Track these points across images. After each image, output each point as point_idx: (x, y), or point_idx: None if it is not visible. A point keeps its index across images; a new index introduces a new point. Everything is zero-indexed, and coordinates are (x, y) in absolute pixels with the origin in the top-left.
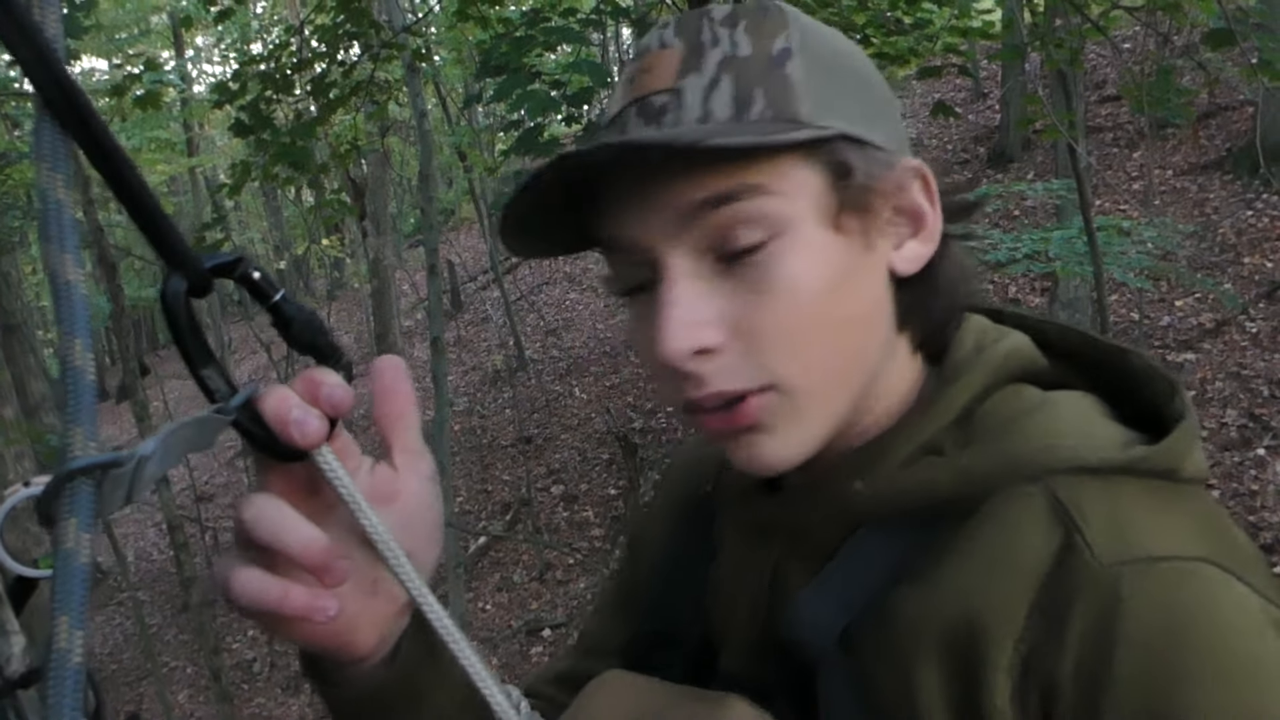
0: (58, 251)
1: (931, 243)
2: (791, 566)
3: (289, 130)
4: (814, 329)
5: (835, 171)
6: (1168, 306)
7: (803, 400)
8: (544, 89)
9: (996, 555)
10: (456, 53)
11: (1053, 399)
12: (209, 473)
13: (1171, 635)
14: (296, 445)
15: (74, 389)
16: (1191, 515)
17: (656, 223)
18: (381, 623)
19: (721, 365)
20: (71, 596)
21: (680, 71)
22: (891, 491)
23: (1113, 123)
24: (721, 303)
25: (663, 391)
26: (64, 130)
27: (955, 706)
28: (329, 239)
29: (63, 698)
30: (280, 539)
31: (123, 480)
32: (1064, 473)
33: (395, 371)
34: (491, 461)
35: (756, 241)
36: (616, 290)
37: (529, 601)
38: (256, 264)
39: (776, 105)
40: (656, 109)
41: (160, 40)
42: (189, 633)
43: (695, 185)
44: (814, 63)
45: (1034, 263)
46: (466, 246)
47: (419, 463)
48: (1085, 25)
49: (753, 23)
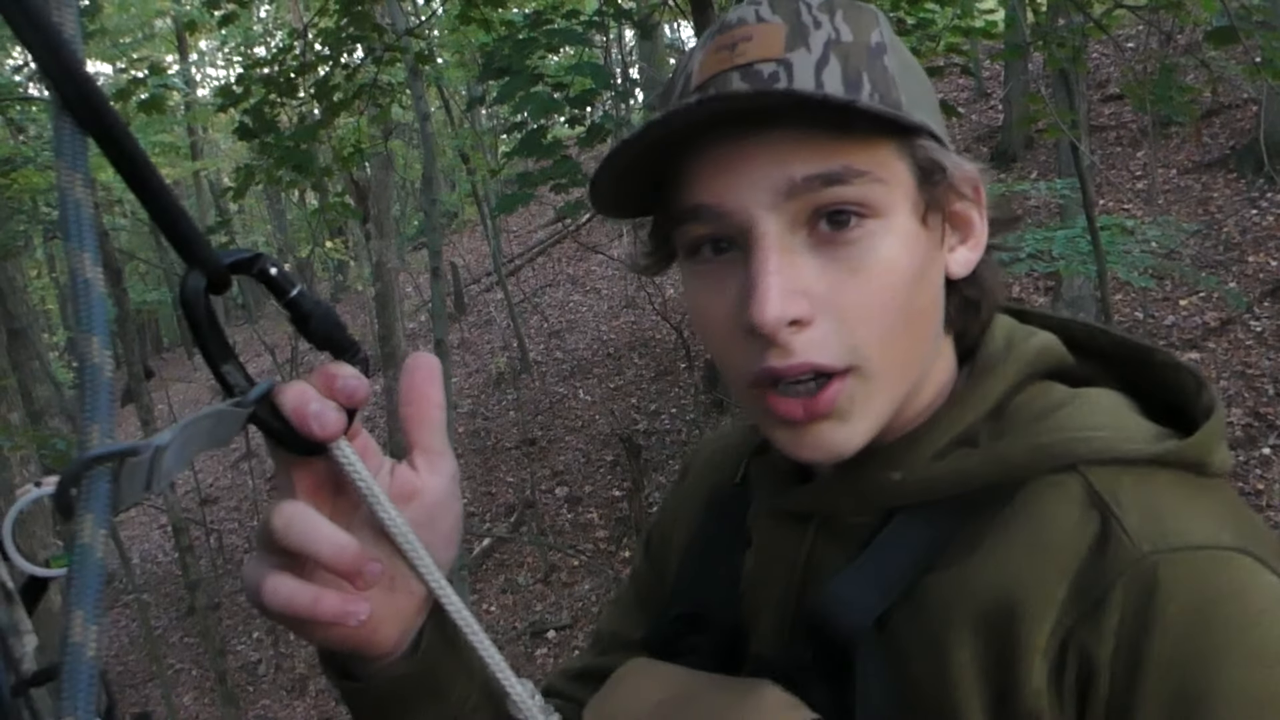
0: (77, 249)
1: (979, 250)
2: (826, 552)
3: (293, 134)
4: (899, 314)
5: (926, 169)
6: (1172, 305)
7: (877, 386)
8: (547, 91)
9: (1033, 540)
10: (459, 55)
11: (1083, 394)
12: (213, 475)
13: (1206, 619)
14: (316, 437)
15: (91, 385)
16: (1221, 506)
17: (756, 191)
18: (402, 619)
19: (811, 338)
20: (87, 591)
21: (788, 45)
22: (928, 480)
23: (1116, 122)
24: (814, 277)
25: (733, 361)
26: (82, 129)
27: (991, 688)
28: (332, 242)
29: (77, 692)
30: (313, 546)
31: (140, 471)
32: (1097, 463)
33: (428, 373)
34: (495, 464)
35: (855, 222)
36: (655, 267)
37: (534, 604)
38: (274, 260)
39: (881, 91)
40: (766, 76)
41: (164, 45)
42: (194, 635)
43: (805, 159)
44: (902, 60)
45: (1038, 262)
46: (470, 249)
47: (441, 462)
48: (1087, 24)
49: (850, 13)
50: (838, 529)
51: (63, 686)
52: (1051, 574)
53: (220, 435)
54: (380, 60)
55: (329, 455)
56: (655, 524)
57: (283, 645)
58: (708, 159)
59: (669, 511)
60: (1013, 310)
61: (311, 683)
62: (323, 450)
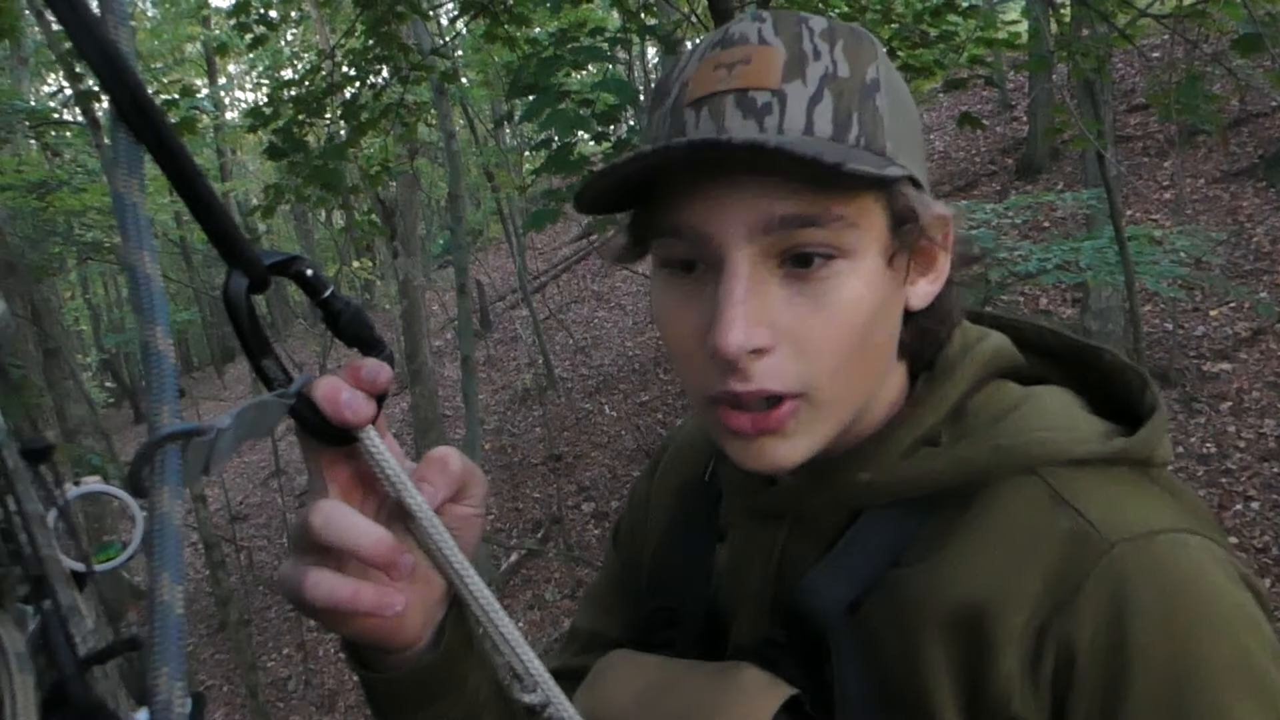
0: (135, 248)
1: (939, 284)
2: (799, 548)
3: (321, 152)
4: (855, 348)
5: (900, 215)
6: (1202, 316)
7: (824, 411)
8: (573, 108)
9: (1000, 540)
10: (483, 74)
11: (1035, 394)
12: (243, 493)
13: (1178, 597)
14: (348, 423)
15: (156, 371)
16: (1169, 494)
17: (737, 224)
18: (426, 610)
19: (768, 366)
20: (169, 554)
21: (785, 75)
22: (895, 480)
23: (1142, 132)
24: (779, 309)
25: (694, 378)
26: (137, 139)
27: (963, 682)
28: (359, 261)
29: (168, 646)
30: (351, 541)
31: (201, 451)
32: (1054, 464)
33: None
34: (522, 480)
35: (819, 262)
36: (629, 257)
37: (561, 619)
38: (310, 261)
39: (868, 134)
40: (759, 106)
41: (194, 69)
42: (225, 651)
43: (786, 200)
44: (895, 99)
45: (1064, 273)
46: (495, 266)
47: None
48: (1112, 34)
49: (849, 44)
50: (809, 526)
51: (154, 641)
52: (1021, 570)
53: (263, 424)
54: (406, 80)
55: (358, 445)
56: (623, 516)
57: (312, 661)
58: (692, 185)
59: (638, 503)
60: (966, 312)
61: (341, 698)
62: (353, 439)
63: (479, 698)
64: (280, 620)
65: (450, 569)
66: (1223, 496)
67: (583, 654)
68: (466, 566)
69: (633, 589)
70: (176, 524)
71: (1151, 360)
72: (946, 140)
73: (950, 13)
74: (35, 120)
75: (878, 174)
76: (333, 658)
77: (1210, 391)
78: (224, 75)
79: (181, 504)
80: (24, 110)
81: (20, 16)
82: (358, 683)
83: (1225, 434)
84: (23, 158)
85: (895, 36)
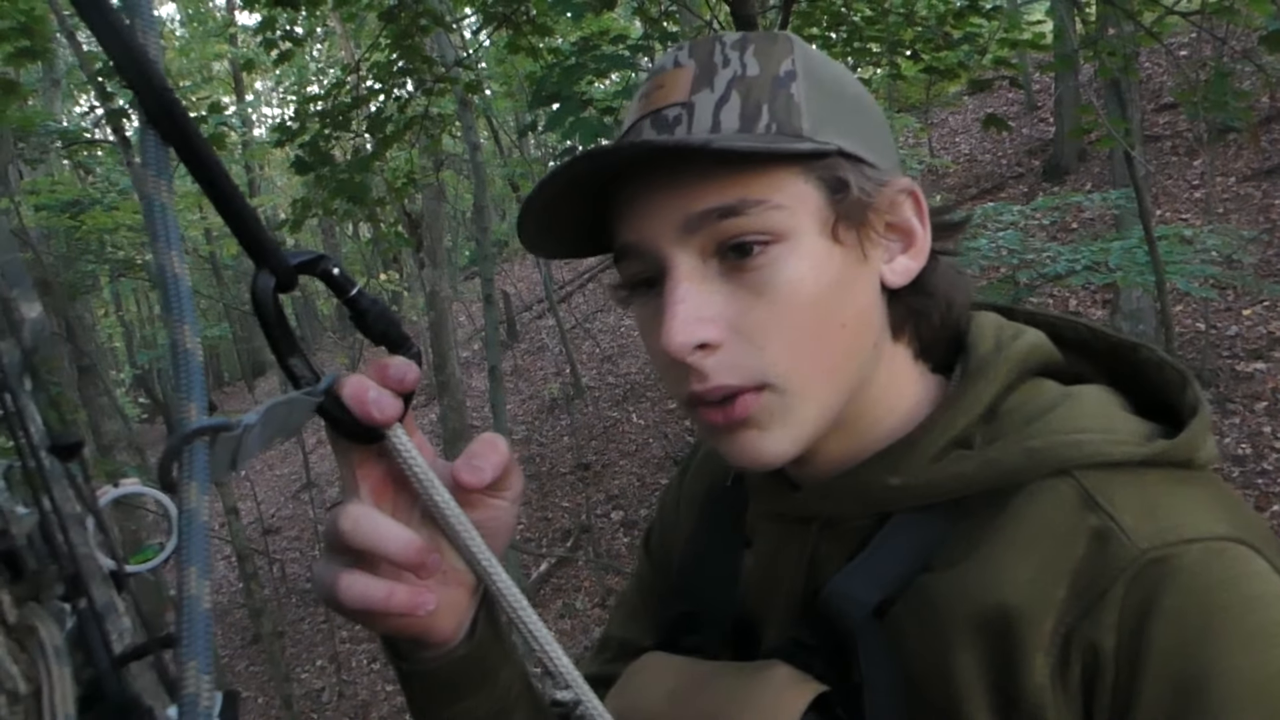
0: (165, 249)
1: (921, 258)
2: (827, 552)
3: (347, 166)
4: (808, 331)
5: (832, 186)
6: (1235, 315)
7: (794, 399)
8: (596, 116)
9: (1030, 544)
10: (507, 85)
11: (1074, 393)
12: (275, 506)
13: (1203, 607)
14: (375, 421)
15: (185, 369)
16: (1211, 498)
17: (665, 227)
18: (458, 608)
19: (721, 360)
20: (197, 550)
21: (693, 88)
22: (925, 484)
23: (1171, 131)
24: (723, 303)
25: (669, 386)
26: (165, 142)
27: (994, 688)
28: (386, 273)
29: (195, 639)
30: (380, 543)
31: (229, 446)
32: (1089, 467)
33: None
34: (551, 489)
35: (758, 250)
36: (621, 296)
37: (591, 628)
38: (336, 260)
39: (780, 121)
40: (670, 120)
41: (222, 86)
42: (259, 663)
43: (703, 195)
44: (815, 85)
45: (1094, 274)
46: (521, 276)
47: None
48: (1138, 32)
49: (761, 47)
50: (838, 530)
51: (182, 635)
52: (1050, 575)
53: (292, 423)
54: (431, 92)
55: (386, 443)
56: (654, 523)
57: (345, 672)
58: (624, 201)
59: (668, 509)
60: (1000, 308)
61: (374, 709)
62: (381, 437)
63: (511, 694)
64: (313, 632)
65: (479, 566)
66: (1259, 498)
67: (614, 662)
68: (494, 563)
69: (663, 592)
70: (204, 519)
71: (1184, 360)
72: (972, 143)
73: (974, 14)
74: (68, 140)
75: (776, 148)
76: (365, 669)
77: (1245, 392)
78: (250, 91)
79: (208, 500)
80: (57, 131)
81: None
82: (390, 694)
83: (1261, 434)
84: (55, 177)
85: (918, 39)
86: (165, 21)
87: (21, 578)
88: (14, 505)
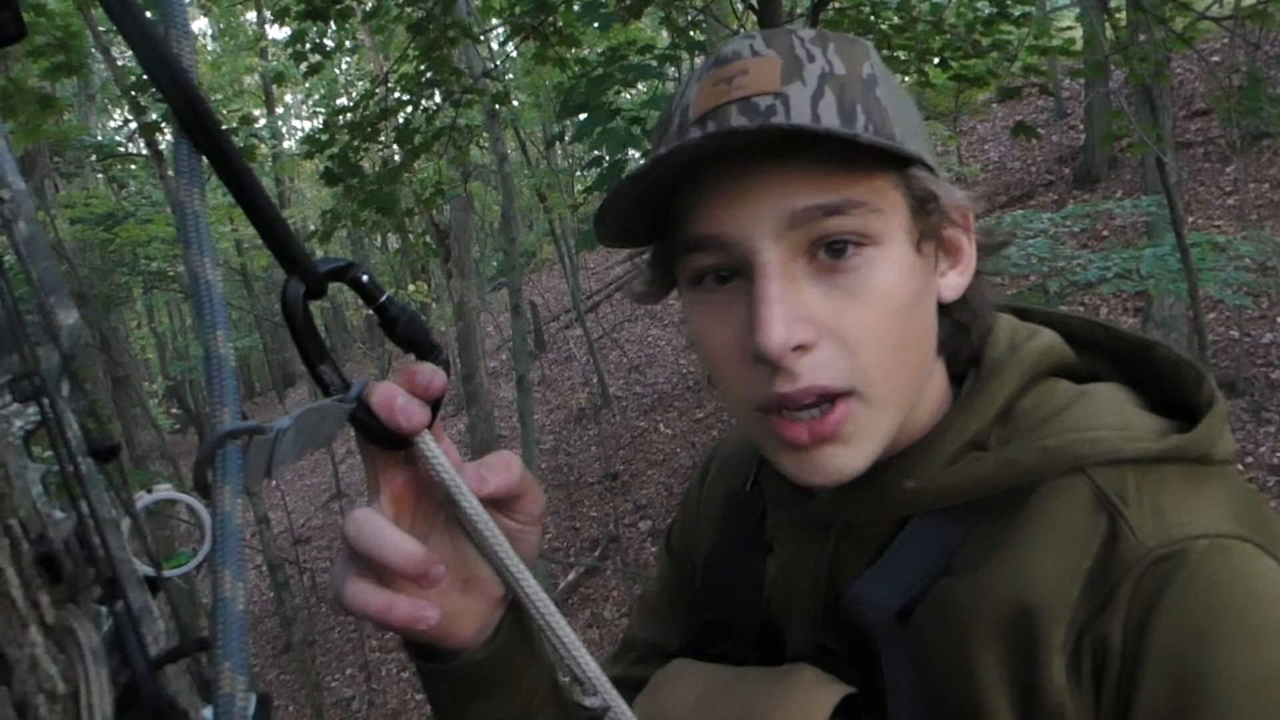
0: (197, 255)
1: (968, 275)
2: (848, 556)
3: (375, 177)
4: (898, 338)
5: (921, 197)
6: (1269, 323)
7: (878, 409)
8: (623, 125)
9: (1046, 544)
10: (534, 96)
11: (1088, 391)
12: (305, 515)
13: (1205, 603)
14: (403, 428)
15: (218, 375)
16: (1224, 495)
17: (762, 221)
18: (478, 618)
19: (816, 361)
20: (230, 553)
21: (783, 78)
22: (942, 487)
23: (1203, 137)
24: (817, 304)
25: (739, 387)
26: (197, 150)
27: (1016, 688)
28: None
29: (230, 639)
30: (379, 552)
31: (263, 451)
32: (1104, 464)
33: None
34: (579, 498)
35: (851, 251)
36: (654, 294)
37: (619, 637)
38: (365, 268)
39: (876, 123)
40: (764, 109)
41: (253, 100)
42: (290, 672)
43: (808, 190)
44: (894, 92)
45: (1125, 282)
46: (548, 287)
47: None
48: (1170, 38)
49: (840, 46)
50: (857, 536)
51: (218, 635)
52: (1065, 575)
53: (324, 432)
54: (458, 103)
55: (415, 450)
56: (675, 524)
57: (375, 681)
58: (711, 191)
59: (689, 512)
60: (1014, 309)
61: (404, 718)
62: (409, 443)
63: (535, 698)
64: (344, 641)
65: (506, 572)
66: None
67: (639, 664)
68: (522, 569)
69: (687, 597)
70: (237, 522)
71: (1218, 369)
72: (1002, 150)
73: (1002, 21)
74: (102, 154)
75: (892, 147)
76: (395, 678)
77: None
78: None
79: (242, 503)
80: (92, 145)
81: (88, 54)
82: (420, 702)
83: None
84: (90, 191)
85: (947, 46)
86: (198, 36)
87: (59, 580)
88: (52, 509)
